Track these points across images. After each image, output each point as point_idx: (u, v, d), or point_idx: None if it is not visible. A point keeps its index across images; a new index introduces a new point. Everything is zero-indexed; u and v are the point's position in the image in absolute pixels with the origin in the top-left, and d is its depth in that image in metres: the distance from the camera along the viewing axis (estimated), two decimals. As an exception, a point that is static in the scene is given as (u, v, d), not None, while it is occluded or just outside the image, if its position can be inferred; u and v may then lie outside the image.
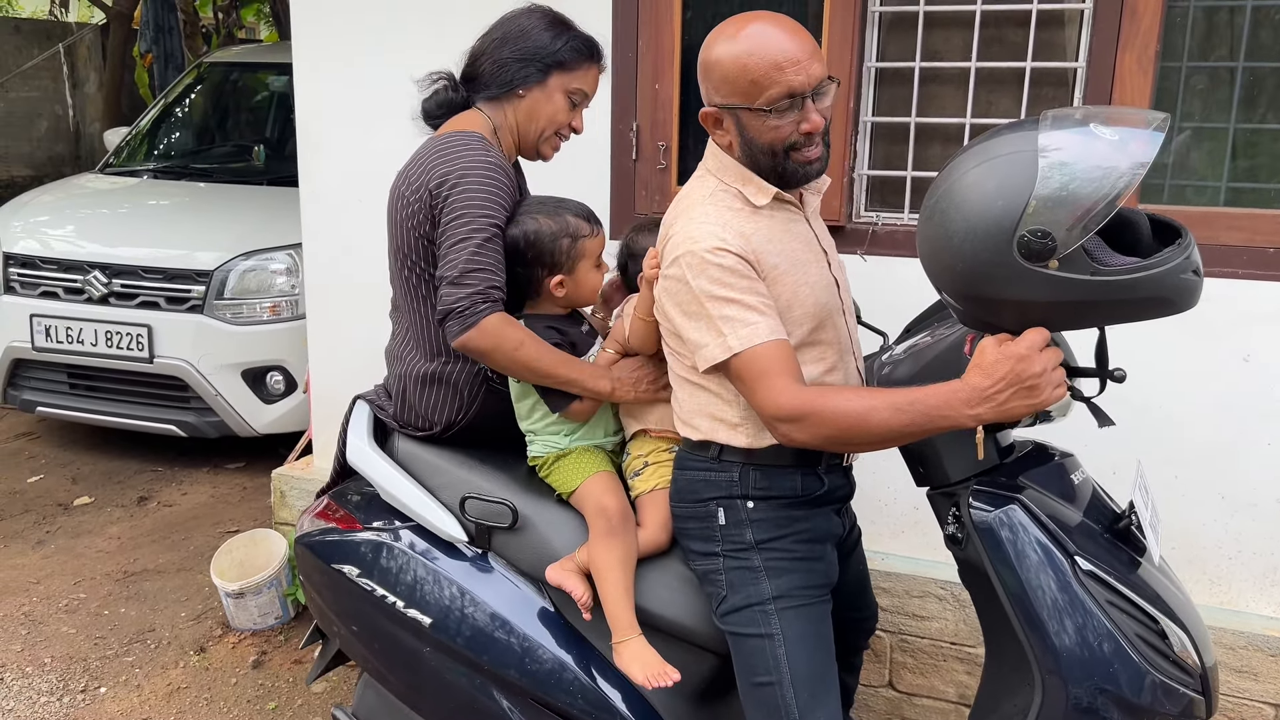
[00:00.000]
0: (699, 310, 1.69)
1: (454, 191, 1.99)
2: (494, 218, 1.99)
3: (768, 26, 1.70)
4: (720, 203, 1.76)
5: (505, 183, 2.02)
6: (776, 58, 1.66)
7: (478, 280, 1.95)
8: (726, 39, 1.71)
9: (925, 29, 2.66)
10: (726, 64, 1.70)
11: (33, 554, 3.84)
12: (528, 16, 2.15)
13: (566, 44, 2.11)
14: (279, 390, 4.48)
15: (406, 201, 2.06)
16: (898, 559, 2.86)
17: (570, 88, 2.14)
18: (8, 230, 4.81)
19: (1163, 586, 1.70)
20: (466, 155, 2.01)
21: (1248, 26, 2.50)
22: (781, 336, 1.68)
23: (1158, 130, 1.45)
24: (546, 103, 2.13)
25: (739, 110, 1.72)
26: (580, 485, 2.02)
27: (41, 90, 9.23)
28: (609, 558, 1.93)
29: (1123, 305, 1.49)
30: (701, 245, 1.68)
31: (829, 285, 1.84)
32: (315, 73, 3.29)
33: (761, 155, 1.74)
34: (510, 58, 2.11)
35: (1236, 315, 2.49)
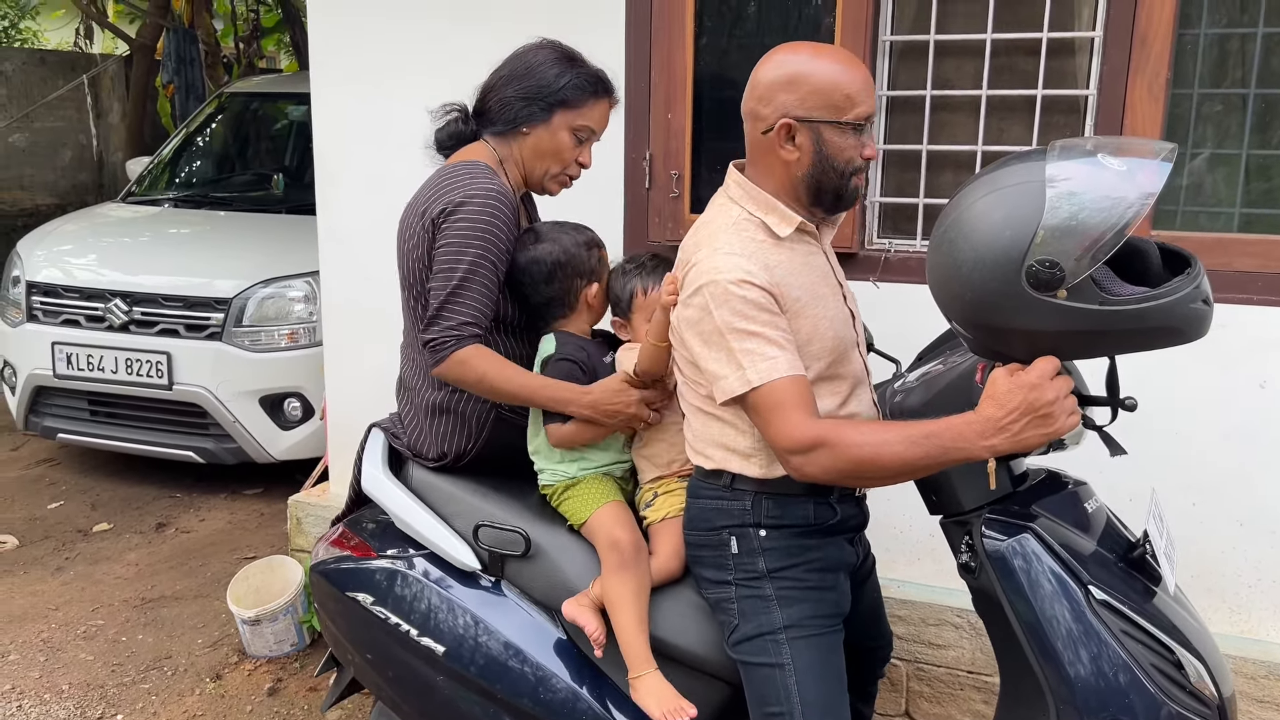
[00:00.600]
0: (720, 342, 1.68)
1: (450, 220, 2.01)
2: (485, 249, 2.00)
3: (838, 53, 1.75)
4: (744, 232, 1.75)
5: (505, 211, 2.04)
6: (863, 80, 1.71)
7: (452, 314, 1.99)
8: (813, 55, 1.72)
9: (936, 58, 2.68)
10: (820, 77, 1.70)
11: (52, 580, 3.86)
12: (536, 53, 2.15)
13: (570, 82, 2.10)
14: (296, 417, 4.51)
15: (412, 231, 2.09)
16: (913, 586, 2.85)
17: (575, 125, 2.13)
18: (31, 259, 4.87)
19: (1178, 616, 1.69)
20: (468, 184, 2.04)
21: (1259, 54, 2.51)
22: (800, 372, 1.67)
23: (1165, 160, 1.45)
24: (551, 140, 2.13)
25: (823, 124, 1.71)
26: (591, 517, 2.02)
27: (66, 120, 9.36)
28: (622, 591, 1.93)
29: (1132, 334, 1.49)
30: (726, 277, 1.68)
31: (845, 319, 1.84)
32: (333, 104, 3.34)
33: (831, 174, 1.74)
34: (514, 96, 2.12)
35: (1251, 341, 2.48)
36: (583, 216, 2.41)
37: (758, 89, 1.75)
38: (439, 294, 2.01)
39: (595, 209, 2.62)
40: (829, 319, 1.78)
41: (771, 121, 1.73)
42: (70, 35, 12.42)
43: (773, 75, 1.74)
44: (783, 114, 1.72)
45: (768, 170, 1.78)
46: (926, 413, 1.78)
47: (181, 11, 9.14)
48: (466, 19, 3.04)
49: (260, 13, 11.15)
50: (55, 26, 13.98)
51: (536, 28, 2.23)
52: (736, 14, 2.88)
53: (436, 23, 3.09)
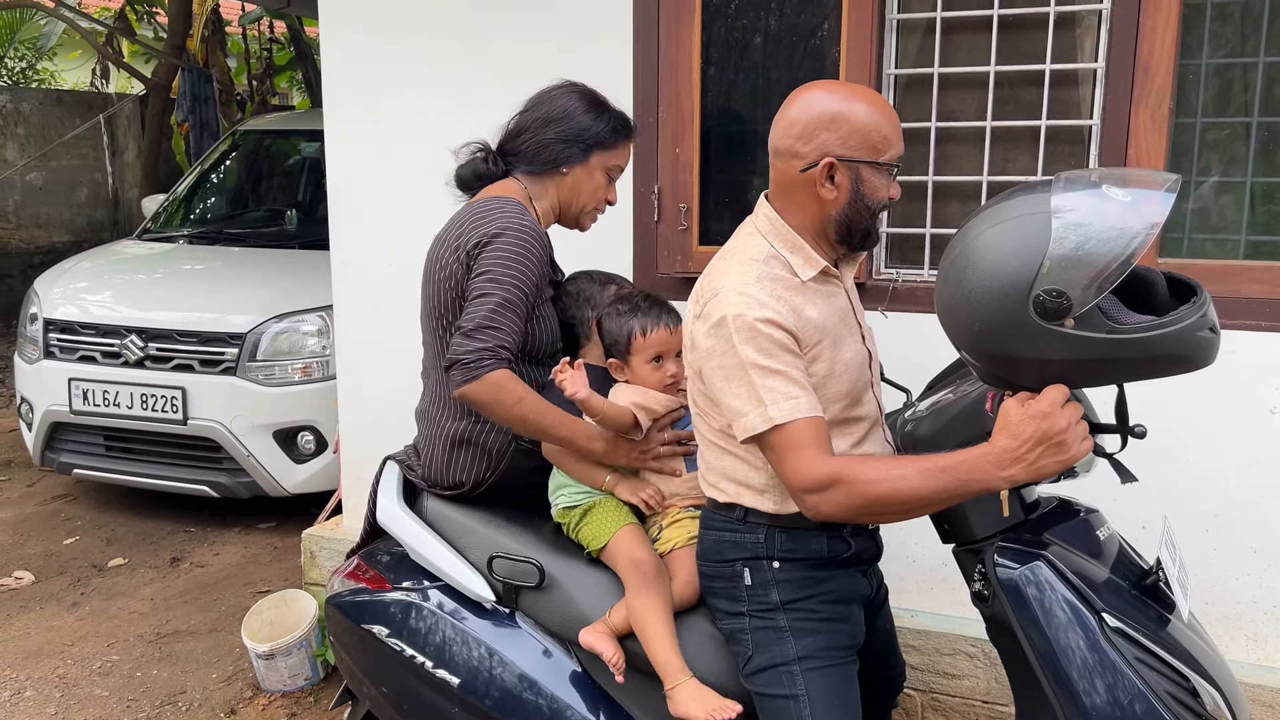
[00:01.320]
0: (742, 377, 1.68)
1: (486, 250, 2.06)
2: (519, 280, 2.05)
3: (875, 93, 1.79)
4: (771, 269, 1.75)
5: (538, 246, 2.10)
6: (896, 120, 1.75)
7: (489, 337, 2.01)
8: (850, 95, 1.74)
9: (940, 90, 2.71)
10: (861, 117, 1.71)
11: (68, 616, 3.88)
12: (568, 97, 2.23)
13: (607, 125, 2.22)
14: (310, 450, 4.53)
15: (445, 263, 2.13)
16: (927, 616, 2.84)
17: (609, 165, 2.25)
18: (48, 297, 4.93)
19: (1193, 643, 1.68)
20: (504, 217, 2.09)
21: (1261, 82, 2.53)
22: (819, 414, 1.68)
23: (1170, 191, 1.47)
24: (588, 180, 2.24)
25: (862, 164, 1.73)
26: (610, 540, 2.03)
27: (82, 159, 9.48)
28: (649, 608, 1.94)
29: (1139, 363, 1.50)
30: (754, 313, 1.68)
31: (863, 361, 1.85)
32: (345, 139, 3.39)
33: (864, 213, 1.76)
34: (555, 138, 2.20)
35: (1261, 368, 2.49)
36: (593, 248, 2.45)
37: (796, 127, 1.74)
38: (474, 316, 2.03)
39: (605, 242, 2.65)
40: (846, 362, 1.79)
41: (813, 160, 1.73)
42: (87, 75, 12.62)
43: (813, 114, 1.73)
44: (825, 153, 1.72)
45: (799, 206, 1.78)
46: (937, 441, 1.79)
47: (196, 51, 9.28)
48: (477, 57, 3.09)
49: (273, 51, 11.31)
50: (72, 67, 14.20)
51: (547, 65, 2.27)
52: (742, 49, 2.93)
53: (448, 60, 3.14)
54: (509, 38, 3.04)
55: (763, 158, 2.05)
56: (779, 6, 2.88)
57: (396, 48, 3.23)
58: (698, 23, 2.86)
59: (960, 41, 2.70)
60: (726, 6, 2.92)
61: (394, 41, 3.23)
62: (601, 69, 2.91)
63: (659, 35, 2.89)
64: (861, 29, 2.69)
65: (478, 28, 3.10)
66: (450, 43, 3.14)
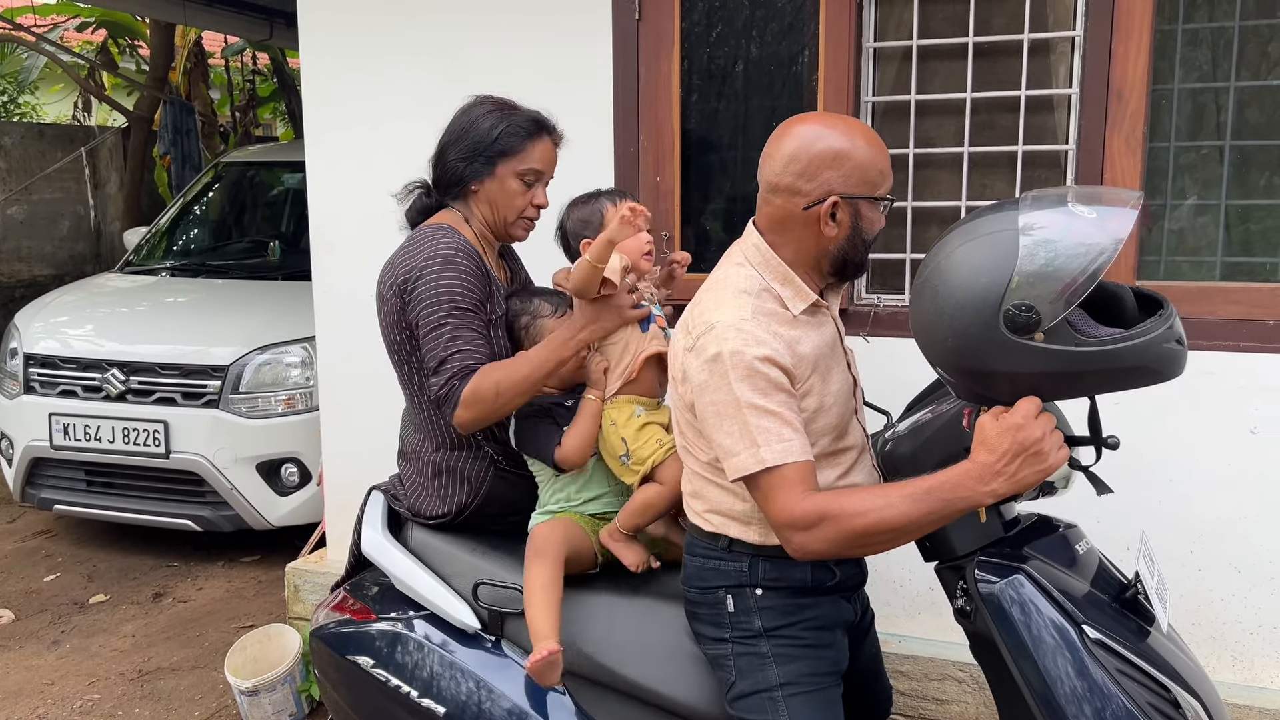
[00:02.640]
0: (735, 415, 1.67)
1: (419, 284, 2.07)
2: (458, 297, 2.06)
3: (864, 125, 1.80)
4: (765, 304, 1.74)
5: (466, 262, 2.09)
6: (888, 153, 1.76)
7: (452, 364, 2.03)
8: (848, 132, 1.73)
9: (918, 116, 2.74)
10: (861, 154, 1.71)
11: (48, 654, 3.83)
12: (468, 112, 2.22)
13: (504, 130, 2.16)
14: (293, 482, 4.50)
15: (385, 299, 2.15)
16: (915, 641, 2.84)
17: (519, 170, 2.18)
18: (29, 331, 4.90)
19: (1173, 655, 1.69)
20: (428, 246, 2.10)
21: (1232, 107, 2.57)
22: (810, 457, 1.68)
23: (1133, 208, 1.51)
24: (500, 191, 2.19)
25: (861, 200, 1.73)
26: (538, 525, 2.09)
27: (64, 191, 9.46)
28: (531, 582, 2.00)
29: (1109, 375, 1.52)
30: (752, 351, 1.66)
31: (849, 389, 1.86)
32: (327, 171, 3.40)
33: (860, 247, 1.77)
34: (456, 158, 2.19)
35: (1240, 388, 2.51)
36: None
37: (796, 164, 1.72)
38: (432, 353, 2.05)
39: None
40: (834, 393, 1.79)
41: (817, 198, 1.71)
42: (69, 109, 12.62)
43: (815, 151, 1.71)
44: (829, 191, 1.71)
45: (795, 241, 1.77)
46: (917, 459, 1.80)
47: (179, 83, 9.30)
48: (458, 88, 3.09)
49: (256, 83, 11.35)
50: (54, 100, 14.20)
51: (529, 94, 2.28)
52: (722, 77, 2.96)
53: (429, 92, 3.16)
54: (490, 68, 3.07)
55: (743, 185, 2.07)
56: (758, 35, 2.91)
57: (377, 80, 3.25)
58: (677, 52, 2.89)
59: (937, 69, 2.74)
60: (706, 35, 2.95)
61: (375, 74, 3.25)
62: (582, 98, 2.94)
63: (639, 64, 2.92)
64: (839, 57, 2.73)
65: (459, 59, 3.12)
66: (431, 74, 3.16)
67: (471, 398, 2.01)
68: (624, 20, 2.92)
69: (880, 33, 2.75)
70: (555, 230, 2.22)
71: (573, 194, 2.24)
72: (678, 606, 1.98)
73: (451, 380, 2.02)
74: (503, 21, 3.06)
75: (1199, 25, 2.57)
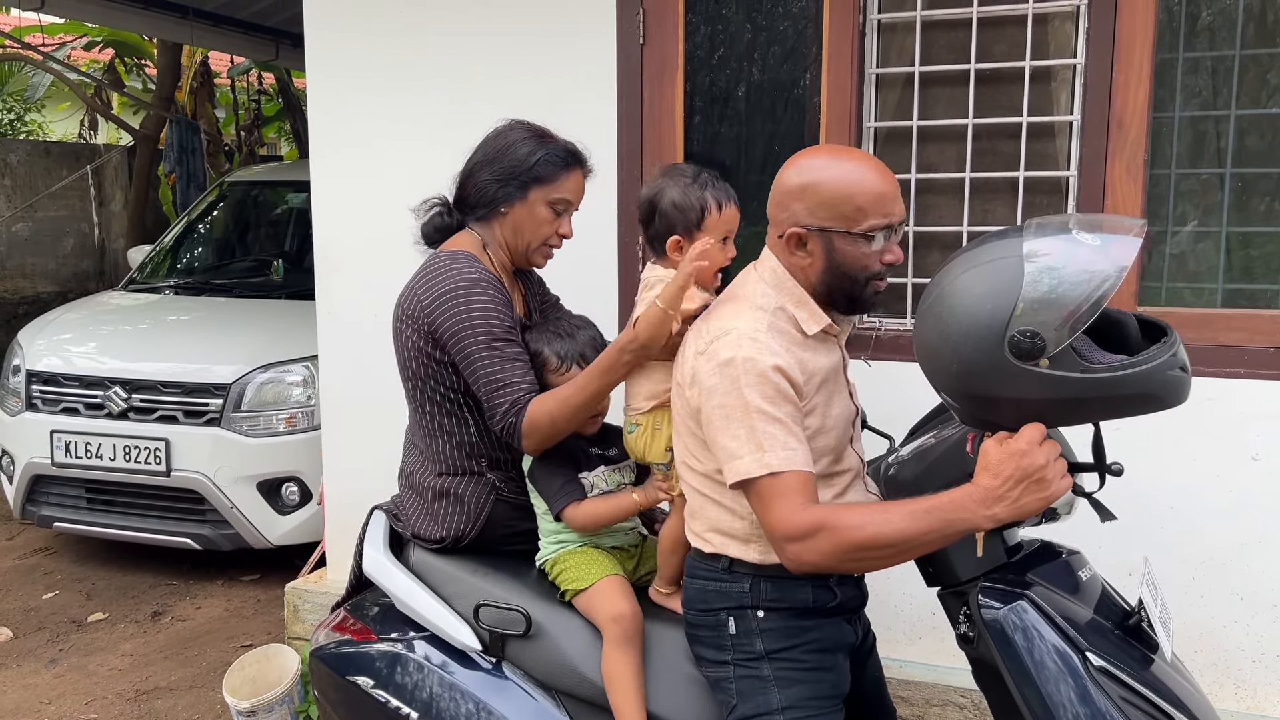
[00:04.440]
0: (743, 419, 1.68)
1: (449, 317, 2.05)
2: (493, 329, 2.05)
3: (863, 160, 1.77)
4: (779, 321, 1.77)
5: (492, 292, 2.08)
6: (880, 189, 1.72)
7: (504, 396, 2.02)
8: (828, 165, 1.76)
9: (920, 142, 2.76)
10: (830, 188, 1.73)
11: (45, 673, 3.81)
12: (505, 135, 2.21)
13: (542, 158, 2.15)
14: (294, 501, 4.50)
15: (402, 329, 2.15)
16: (916, 666, 2.83)
17: (551, 199, 2.17)
18: (31, 348, 4.91)
19: (1176, 683, 1.69)
20: (452, 276, 2.08)
21: (1232, 134, 2.59)
22: (812, 469, 1.69)
23: (1136, 236, 1.52)
24: (529, 217, 2.17)
25: (833, 233, 1.74)
26: (590, 588, 2.02)
27: (69, 209, 9.50)
28: (625, 669, 1.93)
29: (1113, 401, 1.53)
30: (765, 359, 1.68)
31: (850, 417, 1.87)
32: (332, 191, 3.41)
33: (844, 280, 1.76)
34: (490, 179, 2.17)
35: (1242, 415, 2.52)
36: (580, 297, 2.46)
37: (775, 195, 1.80)
38: (482, 387, 2.05)
39: (592, 291, 2.67)
40: (835, 418, 1.81)
41: (784, 229, 1.77)
42: (75, 127, 12.69)
43: (790, 183, 1.77)
44: (794, 222, 1.76)
45: (788, 267, 1.82)
46: (920, 484, 1.80)
47: (185, 103, 9.37)
48: (463, 108, 3.13)
49: (261, 102, 11.42)
50: (60, 118, 14.28)
51: (533, 115, 2.30)
52: (725, 101, 2.98)
53: (434, 112, 3.19)
54: (494, 89, 3.09)
55: (746, 208, 2.07)
56: (761, 59, 2.94)
57: (383, 99, 3.27)
58: (680, 75, 2.91)
59: (939, 95, 2.76)
60: (710, 59, 2.97)
61: (380, 93, 3.27)
62: (586, 120, 2.96)
63: (643, 87, 2.94)
64: (841, 83, 2.75)
65: (463, 79, 3.14)
66: (436, 95, 3.18)
67: (530, 430, 2.01)
68: (628, 44, 2.94)
69: (883, 59, 2.77)
70: (641, 202, 2.06)
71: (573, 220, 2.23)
72: (678, 630, 1.98)
73: (507, 416, 2.02)
74: (508, 44, 3.08)
75: (1199, 54, 2.59)
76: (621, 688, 1.92)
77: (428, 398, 2.16)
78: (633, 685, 1.92)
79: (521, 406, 2.01)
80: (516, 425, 2.01)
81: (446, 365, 2.10)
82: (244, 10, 7.41)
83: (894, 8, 2.73)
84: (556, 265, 2.33)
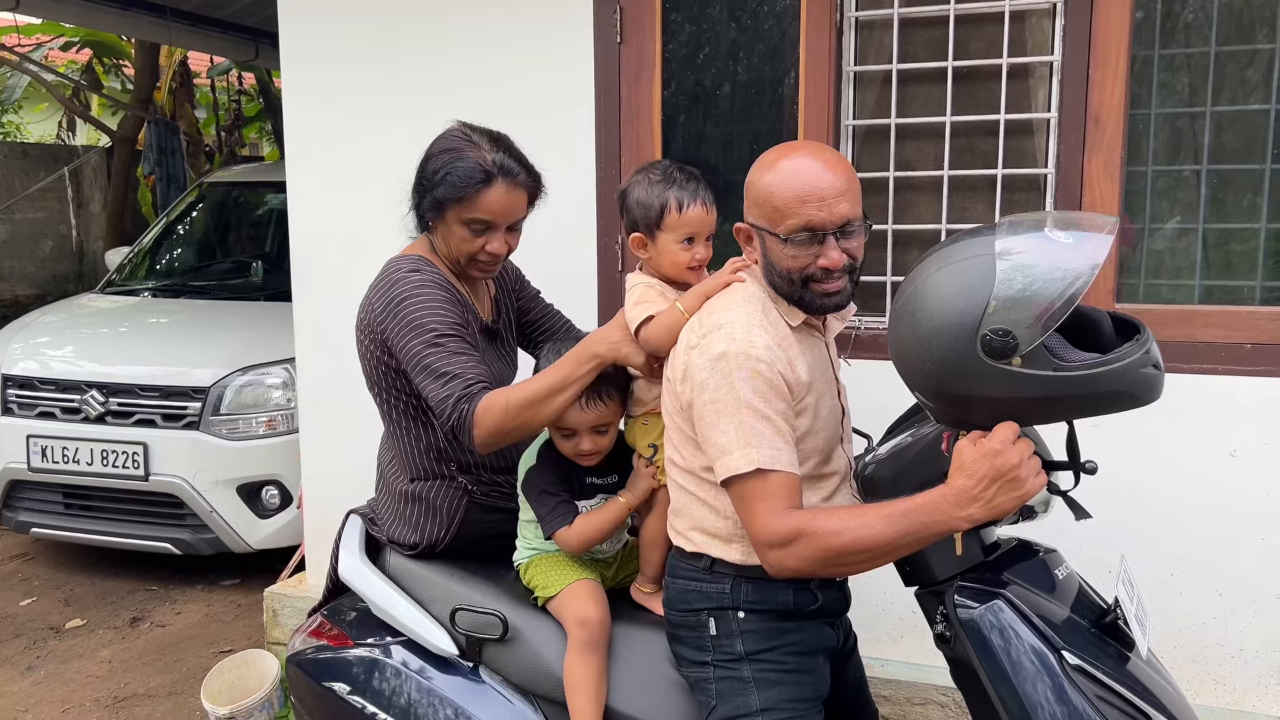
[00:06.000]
0: (734, 414, 1.66)
1: (394, 323, 2.03)
2: (436, 328, 2.00)
3: (805, 159, 1.72)
4: (769, 314, 1.77)
5: (438, 292, 2.04)
6: (801, 191, 1.68)
7: (449, 388, 1.95)
8: (767, 164, 1.76)
9: (898, 140, 2.75)
10: (758, 187, 1.75)
11: (22, 681, 3.77)
12: (431, 147, 2.13)
13: (449, 177, 2.04)
14: (274, 505, 4.46)
15: (361, 339, 2.14)
16: (897, 665, 2.83)
17: (464, 218, 2.06)
18: (7, 352, 4.85)
19: (1153, 681, 1.69)
20: (396, 283, 2.06)
21: (1209, 131, 2.59)
22: (797, 472, 1.69)
23: (1109, 234, 1.51)
24: (450, 234, 2.10)
25: (764, 233, 1.75)
26: (560, 591, 2.01)
27: (47, 211, 9.42)
28: (586, 674, 1.92)
29: (1087, 399, 1.52)
30: (759, 355, 1.67)
31: (838, 417, 1.87)
32: (308, 193, 3.39)
33: (780, 279, 1.76)
34: (417, 198, 2.13)
35: (1220, 411, 2.52)
36: (559, 296, 2.45)
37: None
38: (427, 383, 1.99)
39: (571, 291, 2.65)
40: (823, 418, 1.80)
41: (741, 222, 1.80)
42: (53, 128, 12.59)
43: (748, 177, 1.79)
44: (744, 216, 1.78)
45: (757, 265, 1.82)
46: (896, 483, 1.79)
47: (164, 103, 9.29)
48: (440, 108, 3.09)
49: (241, 102, 11.35)
50: (38, 120, 14.16)
51: (510, 117, 2.28)
52: (704, 100, 2.97)
53: (411, 112, 3.16)
54: (472, 90, 3.07)
55: (724, 206, 2.07)
56: (740, 58, 2.93)
57: (359, 101, 3.25)
58: (658, 74, 2.90)
59: (916, 93, 2.75)
60: (689, 59, 2.96)
61: (356, 95, 3.25)
62: (564, 119, 2.95)
63: (620, 86, 2.93)
64: (819, 82, 2.74)
65: (441, 78, 3.12)
66: (413, 98, 3.16)
67: (482, 415, 1.91)
68: (605, 43, 2.93)
69: (860, 57, 2.77)
70: (617, 194, 2.05)
71: (552, 221, 2.21)
72: (658, 632, 1.96)
73: (458, 404, 1.93)
74: (485, 43, 3.06)
75: (1176, 51, 2.59)
76: (582, 690, 1.92)
77: (392, 405, 2.15)
78: (592, 689, 1.92)
79: (474, 395, 1.93)
80: (467, 413, 1.91)
81: (402, 373, 2.07)
82: (222, 10, 7.35)
83: (871, 5, 2.73)
84: (536, 262, 2.32)
